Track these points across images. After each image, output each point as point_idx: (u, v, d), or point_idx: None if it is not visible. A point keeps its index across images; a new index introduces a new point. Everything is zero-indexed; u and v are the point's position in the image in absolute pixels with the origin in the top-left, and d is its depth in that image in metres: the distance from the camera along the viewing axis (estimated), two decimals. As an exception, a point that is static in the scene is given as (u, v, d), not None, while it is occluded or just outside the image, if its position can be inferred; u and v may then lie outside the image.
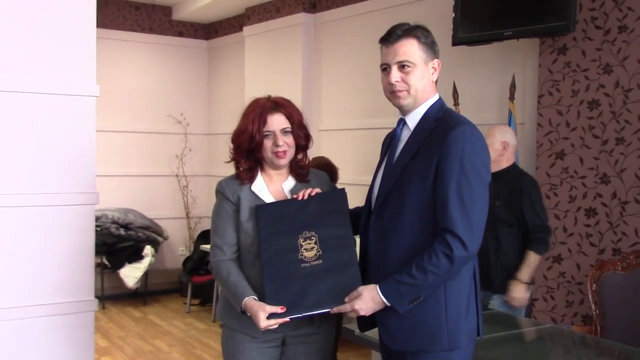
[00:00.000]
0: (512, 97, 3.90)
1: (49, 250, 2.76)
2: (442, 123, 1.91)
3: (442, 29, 4.30)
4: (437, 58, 2.00)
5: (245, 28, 6.36)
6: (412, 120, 1.98)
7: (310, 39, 5.74)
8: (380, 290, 1.88)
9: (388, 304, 1.87)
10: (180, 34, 7.13)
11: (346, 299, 1.93)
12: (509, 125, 3.83)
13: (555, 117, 3.68)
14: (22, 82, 2.70)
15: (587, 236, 3.54)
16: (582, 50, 3.56)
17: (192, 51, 7.22)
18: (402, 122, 2.02)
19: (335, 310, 1.96)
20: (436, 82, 2.02)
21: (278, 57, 5.96)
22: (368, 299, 1.89)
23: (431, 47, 1.97)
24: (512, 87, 3.90)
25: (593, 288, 3.13)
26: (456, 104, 4.14)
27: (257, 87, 6.22)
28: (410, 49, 1.94)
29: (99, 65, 2.92)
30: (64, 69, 2.79)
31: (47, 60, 2.76)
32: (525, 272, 3.16)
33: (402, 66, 1.94)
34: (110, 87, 6.49)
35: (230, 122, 5.98)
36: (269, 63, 6.08)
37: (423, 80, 1.95)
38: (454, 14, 3.93)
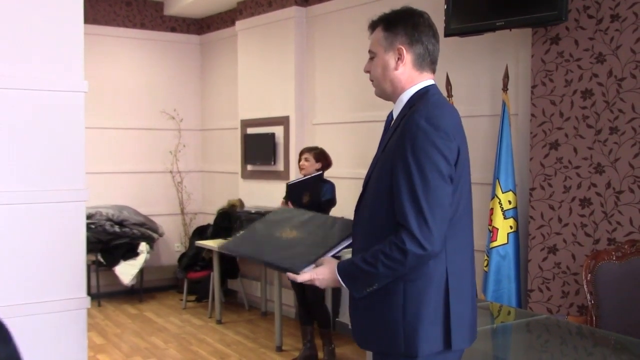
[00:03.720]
0: (505, 88, 3.88)
1: (39, 247, 2.74)
2: (412, 109, 1.81)
3: (434, 20, 4.25)
4: (404, 44, 1.86)
5: (237, 22, 6.32)
6: (396, 109, 1.92)
7: (302, 32, 5.71)
8: (338, 267, 1.84)
9: (343, 284, 1.84)
10: (173, 30, 7.10)
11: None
12: (502, 116, 3.82)
13: (548, 108, 3.67)
14: (9, 78, 2.67)
15: (582, 226, 3.53)
16: (575, 40, 3.54)
17: (184, 46, 7.18)
18: (390, 112, 1.98)
19: (291, 276, 1.92)
20: (419, 69, 1.89)
21: (271, 51, 5.93)
22: (327, 272, 1.86)
23: (394, 34, 1.86)
24: (505, 77, 3.88)
25: (588, 278, 3.13)
26: (450, 95, 4.12)
27: (250, 82, 6.20)
28: (374, 37, 1.92)
29: (90, 62, 2.90)
30: (51, 64, 2.76)
31: (34, 56, 2.73)
32: None
33: (370, 57, 1.94)
34: (102, 84, 6.47)
35: (223, 117, 5.97)
36: (262, 57, 6.05)
37: (384, 69, 1.89)
38: (445, 5, 3.91)
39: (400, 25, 1.87)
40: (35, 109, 2.73)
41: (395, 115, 1.91)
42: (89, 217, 5.98)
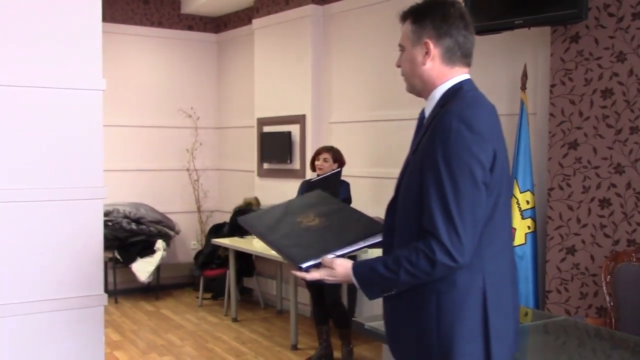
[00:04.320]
0: (523, 87, 3.84)
1: (58, 244, 2.76)
2: (444, 108, 1.68)
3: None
4: (431, 38, 1.73)
5: (254, 21, 6.33)
6: (428, 107, 1.79)
7: (319, 30, 5.70)
8: (354, 270, 1.73)
9: (358, 287, 1.74)
10: (190, 28, 7.12)
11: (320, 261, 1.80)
12: (520, 115, 3.79)
13: (567, 107, 3.63)
14: (29, 76, 2.69)
15: (601, 227, 3.49)
16: (595, 38, 3.50)
17: (201, 45, 7.21)
18: (422, 110, 1.85)
19: (299, 274, 1.81)
20: (449, 63, 1.76)
21: (287, 49, 5.93)
22: (339, 274, 1.75)
23: (421, 27, 1.74)
24: (524, 76, 3.85)
25: (607, 279, 3.09)
26: (467, 94, 4.09)
27: (266, 80, 6.21)
28: (404, 30, 1.80)
29: (108, 60, 2.92)
30: (70, 63, 2.78)
31: (53, 54, 2.75)
32: None
33: (400, 50, 1.82)
34: (120, 82, 6.51)
35: (240, 116, 5.96)
36: (278, 56, 6.05)
37: (412, 64, 1.77)
38: (463, 3, 3.88)
39: (428, 18, 1.74)
40: (54, 107, 2.75)
41: (427, 114, 1.79)
42: (106, 214, 6.02)
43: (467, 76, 1.79)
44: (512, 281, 1.79)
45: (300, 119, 5.77)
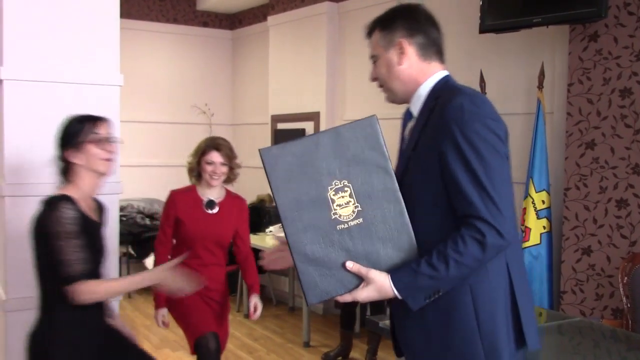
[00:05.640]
0: (540, 86, 3.81)
1: (74, 239, 2.77)
2: (440, 100, 1.64)
3: (469, 16, 4.23)
4: (403, 37, 1.72)
5: (269, 18, 6.33)
6: (415, 106, 1.76)
7: (334, 28, 5.69)
8: (393, 280, 1.56)
9: (400, 297, 1.56)
10: (205, 24, 7.13)
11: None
12: (537, 114, 3.76)
13: (585, 106, 3.60)
14: (47, 71, 2.71)
15: (618, 228, 3.45)
16: (614, 37, 3.46)
17: (216, 41, 7.22)
18: (407, 111, 1.83)
19: (340, 298, 1.60)
20: (426, 59, 1.73)
21: (302, 46, 5.93)
22: (373, 292, 1.57)
23: (391, 30, 1.74)
24: (541, 75, 3.82)
25: (624, 281, 3.06)
26: (483, 92, 4.06)
27: (281, 77, 6.20)
28: (373, 41, 1.81)
29: (123, 56, 2.92)
30: (88, 58, 2.79)
31: (71, 49, 2.77)
32: None
33: (373, 62, 1.82)
34: (134, 78, 6.53)
35: (254, 112, 5.92)
36: (293, 53, 6.05)
37: (388, 68, 1.75)
38: (481, 1, 3.86)
39: (397, 20, 1.76)
40: (72, 102, 2.76)
41: (415, 112, 1.75)
42: (120, 209, 6.04)
43: (447, 72, 1.76)
44: (524, 266, 1.77)
45: (314, 116, 5.76)
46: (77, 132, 2.24)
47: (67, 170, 2.27)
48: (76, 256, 2.14)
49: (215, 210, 3.30)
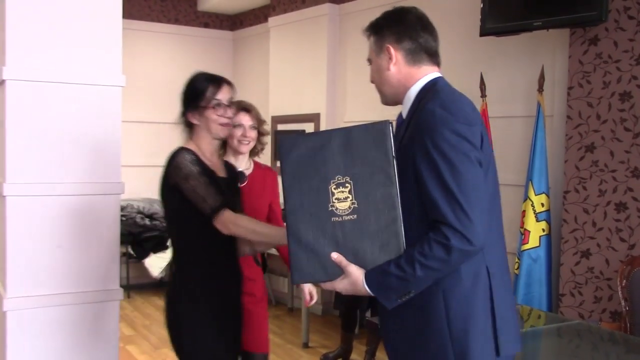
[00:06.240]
0: (540, 89, 3.83)
1: (75, 239, 2.78)
2: (421, 103, 1.67)
3: (470, 19, 4.25)
4: (391, 43, 1.77)
5: (270, 19, 6.34)
6: (405, 109, 1.80)
7: (335, 30, 5.70)
8: (366, 277, 1.62)
9: (372, 295, 1.63)
10: (206, 25, 7.14)
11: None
12: (537, 117, 3.77)
13: (585, 110, 3.61)
14: (49, 72, 2.71)
15: (617, 231, 3.47)
16: (614, 41, 3.47)
17: (217, 42, 7.23)
18: (399, 114, 1.86)
19: (322, 285, 1.69)
20: (414, 64, 1.76)
21: (303, 48, 5.94)
22: (349, 285, 1.64)
23: (381, 35, 1.79)
24: (541, 78, 3.83)
25: (623, 284, 3.07)
26: (483, 95, 4.07)
27: (281, 78, 6.21)
28: (369, 44, 1.87)
29: (124, 56, 2.93)
30: (90, 59, 2.80)
31: (74, 50, 2.77)
32: None
33: (369, 64, 1.90)
34: (135, 78, 6.52)
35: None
36: (294, 54, 6.06)
37: (379, 72, 1.82)
38: (482, 4, 3.87)
39: (385, 26, 1.80)
40: (74, 103, 2.77)
41: (405, 114, 1.79)
42: (120, 209, 6.06)
43: (438, 74, 1.79)
44: (507, 270, 1.78)
45: (314, 118, 5.77)
46: (199, 95, 2.31)
47: (188, 128, 2.35)
48: (211, 190, 2.16)
49: (244, 183, 2.91)
